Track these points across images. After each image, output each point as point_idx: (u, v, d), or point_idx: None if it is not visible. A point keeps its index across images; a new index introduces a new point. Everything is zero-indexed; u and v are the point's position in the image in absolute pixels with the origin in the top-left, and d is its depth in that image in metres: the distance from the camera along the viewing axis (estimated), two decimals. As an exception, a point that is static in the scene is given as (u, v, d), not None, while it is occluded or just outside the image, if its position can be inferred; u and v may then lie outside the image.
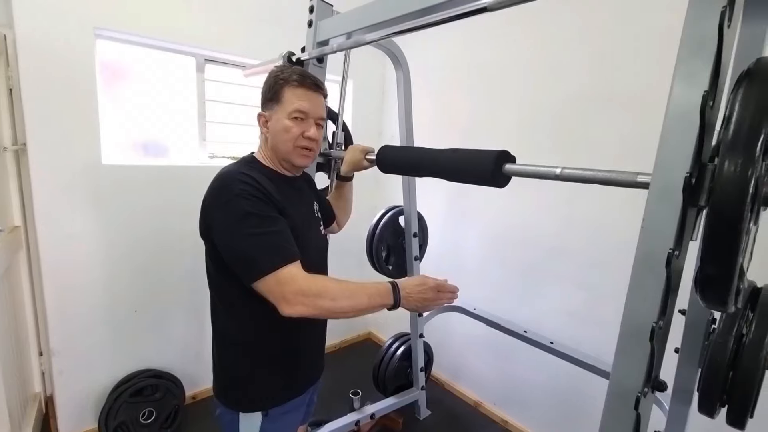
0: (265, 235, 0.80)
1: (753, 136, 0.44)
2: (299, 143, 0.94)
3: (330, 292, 0.79)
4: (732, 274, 0.46)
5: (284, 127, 0.92)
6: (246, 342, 0.95)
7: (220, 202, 0.83)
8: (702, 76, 0.51)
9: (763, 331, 0.81)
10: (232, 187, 0.82)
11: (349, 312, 0.81)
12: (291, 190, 0.97)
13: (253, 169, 0.89)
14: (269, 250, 0.79)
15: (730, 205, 0.44)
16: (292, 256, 0.80)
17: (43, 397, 1.91)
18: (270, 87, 0.93)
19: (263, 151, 0.98)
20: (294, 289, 0.77)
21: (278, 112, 0.92)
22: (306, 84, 0.94)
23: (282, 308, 0.77)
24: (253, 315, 0.91)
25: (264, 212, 0.81)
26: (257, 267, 0.78)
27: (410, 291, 0.86)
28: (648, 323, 0.53)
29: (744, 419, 0.84)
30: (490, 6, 0.73)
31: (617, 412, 0.56)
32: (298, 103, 0.92)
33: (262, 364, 0.96)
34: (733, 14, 0.51)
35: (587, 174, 0.72)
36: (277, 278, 0.77)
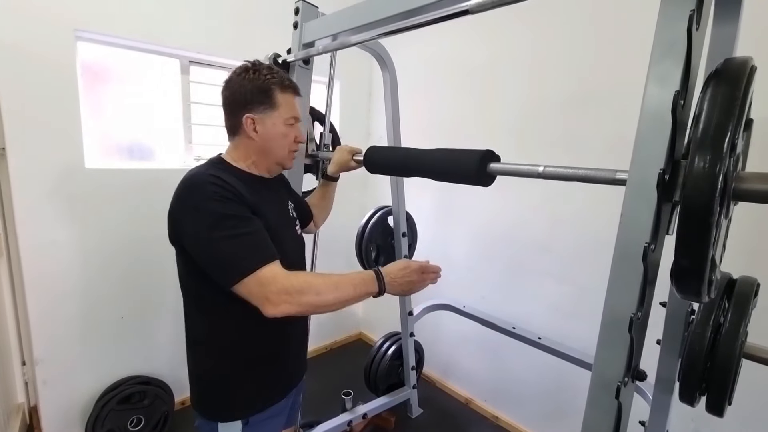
0: (241, 236, 0.78)
1: (720, 133, 0.46)
2: (292, 147, 0.97)
3: (314, 286, 0.78)
4: (704, 265, 0.49)
5: (282, 133, 0.92)
6: (223, 347, 0.92)
7: (189, 207, 0.80)
8: (673, 77, 0.53)
9: (738, 320, 0.85)
10: (201, 190, 0.79)
11: (336, 304, 0.80)
12: (265, 190, 0.95)
13: (222, 171, 0.87)
14: (247, 251, 0.77)
15: (700, 199, 0.46)
16: (271, 256, 0.79)
17: (26, 407, 1.86)
18: (259, 89, 0.90)
19: (235, 153, 0.94)
20: (277, 289, 0.75)
21: (273, 117, 0.91)
22: (294, 88, 0.96)
23: (266, 309, 0.75)
24: (230, 319, 0.89)
25: (237, 213, 0.79)
26: (236, 269, 0.76)
27: (394, 276, 0.87)
28: (627, 315, 0.55)
29: (722, 406, 0.87)
30: (471, 9, 0.75)
31: (600, 402, 0.58)
32: (293, 109, 0.94)
33: (240, 369, 0.92)
34: (702, 16, 0.53)
35: (568, 172, 0.74)
36: (258, 279, 0.75)
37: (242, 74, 0.90)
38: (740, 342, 0.84)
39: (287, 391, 1.03)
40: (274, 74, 0.91)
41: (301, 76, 1.30)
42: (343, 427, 1.81)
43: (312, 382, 2.24)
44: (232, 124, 0.93)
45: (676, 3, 0.52)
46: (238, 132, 0.92)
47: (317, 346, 2.73)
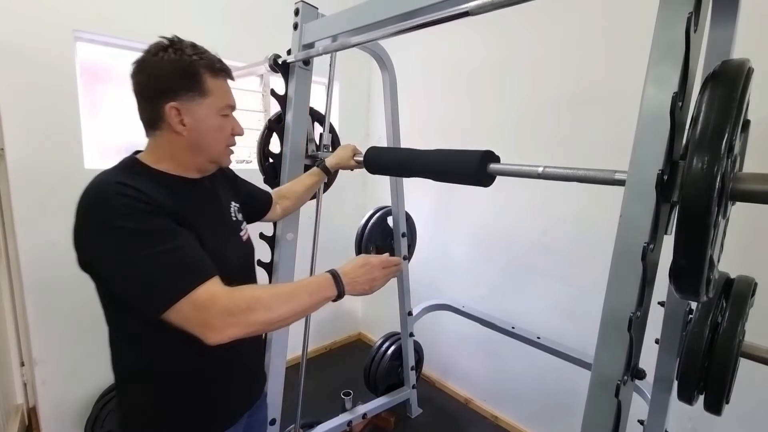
0: (164, 254, 0.64)
1: (718, 135, 0.46)
2: (230, 142, 0.84)
3: (263, 301, 0.67)
4: (702, 265, 0.49)
5: (216, 125, 0.78)
6: (159, 382, 0.78)
7: (94, 226, 0.65)
8: (672, 79, 0.53)
9: (736, 320, 0.85)
10: (107, 205, 0.65)
11: (291, 317, 0.70)
12: (196, 194, 0.81)
13: (134, 176, 0.72)
14: (174, 271, 0.64)
15: (698, 200, 0.47)
16: (206, 273, 0.66)
17: (25, 408, 1.86)
18: (183, 72, 0.73)
19: (157, 152, 0.78)
20: (218, 311, 0.63)
21: (204, 106, 0.76)
22: (227, 71, 0.81)
23: (207, 337, 0.63)
24: (165, 349, 0.76)
25: (156, 227, 0.66)
26: (163, 295, 0.63)
27: (354, 275, 0.79)
28: (626, 314, 0.55)
29: (720, 405, 0.88)
30: (471, 11, 0.75)
31: (599, 400, 0.59)
32: (228, 97, 0.80)
33: (181, 403, 0.80)
34: (699, 19, 0.54)
35: (568, 172, 0.74)
36: (193, 302, 0.63)
37: (160, 54, 0.73)
38: (738, 341, 0.85)
39: (239, 413, 0.90)
40: (201, 54, 0.76)
41: (301, 77, 1.30)
42: (342, 427, 1.82)
43: (312, 383, 2.24)
44: (150, 117, 0.76)
45: (674, 5, 0.53)
46: (159, 126, 0.75)
47: (317, 346, 2.73)
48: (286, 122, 1.33)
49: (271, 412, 1.40)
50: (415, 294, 2.05)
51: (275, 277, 1.36)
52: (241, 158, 2.30)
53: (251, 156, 2.31)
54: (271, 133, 1.42)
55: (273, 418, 1.41)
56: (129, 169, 0.75)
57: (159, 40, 0.75)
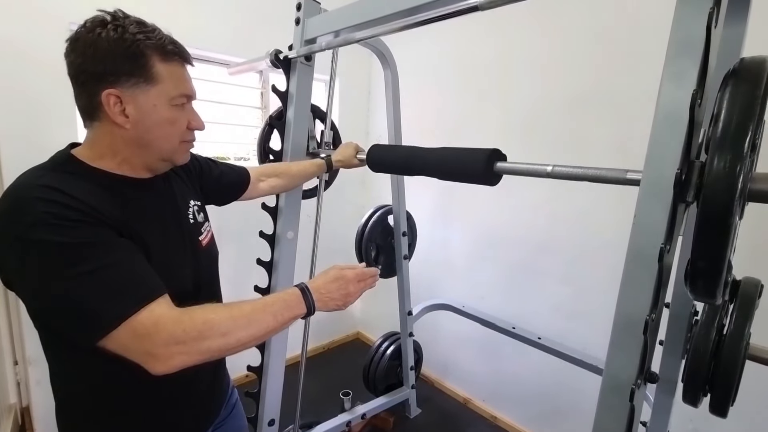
0: (97, 272, 0.54)
1: (741, 134, 0.45)
2: (186, 137, 0.71)
3: (218, 326, 0.58)
4: (722, 267, 0.48)
5: (167, 117, 0.66)
6: (104, 410, 0.70)
7: (11, 238, 0.54)
8: (690, 76, 0.52)
9: (743, 322, 0.84)
10: (26, 212, 0.54)
11: (251, 342, 0.62)
12: (144, 196, 0.70)
13: (66, 176, 0.60)
14: (109, 293, 0.54)
15: (720, 201, 0.45)
16: (150, 292, 0.57)
17: (18, 408, 1.83)
18: (125, 53, 0.61)
19: (96, 147, 0.66)
20: (163, 339, 0.54)
21: (152, 96, 0.64)
22: (186, 58, 0.70)
23: (152, 367, 0.54)
24: (109, 376, 0.67)
25: (87, 240, 0.55)
26: (95, 322, 0.53)
27: (327, 291, 0.72)
28: (642, 317, 0.54)
29: (726, 407, 0.87)
30: (480, 5, 0.74)
31: (612, 405, 0.57)
32: (183, 85, 0.68)
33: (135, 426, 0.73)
34: (719, 15, 0.53)
35: (578, 171, 0.73)
36: (132, 329, 0.53)
37: (97, 30, 0.61)
38: (745, 343, 0.85)
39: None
40: (147, 33, 0.64)
41: (303, 73, 1.28)
42: (341, 427, 1.80)
43: (310, 382, 2.22)
44: (85, 105, 0.64)
45: (695, 1, 0.51)
46: (98, 116, 0.64)
47: (314, 345, 2.71)
48: (287, 119, 1.31)
49: (269, 413, 1.38)
50: (415, 293, 2.03)
51: (275, 277, 1.34)
52: (240, 155, 2.28)
53: (249, 153, 2.28)
54: (272, 129, 1.40)
55: (272, 419, 1.39)
56: (61, 167, 0.63)
57: (97, 13, 0.64)
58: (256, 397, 1.39)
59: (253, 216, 1.32)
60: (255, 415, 1.38)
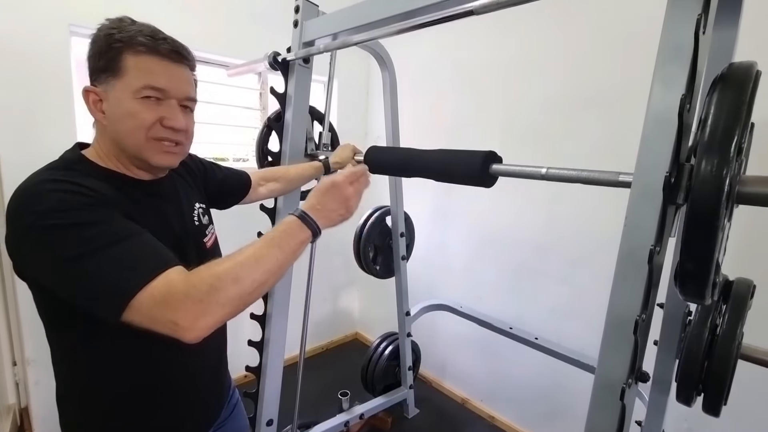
0: (113, 245, 0.55)
1: (728, 137, 0.46)
2: (155, 134, 0.67)
3: (226, 274, 0.56)
4: (709, 268, 0.49)
5: (129, 111, 0.64)
6: (110, 403, 0.71)
7: (26, 228, 0.56)
8: (679, 80, 0.53)
9: (735, 322, 0.86)
10: (39, 202, 0.56)
11: (269, 279, 0.60)
12: (152, 199, 0.72)
13: (77, 174, 0.63)
14: (126, 263, 0.55)
15: (708, 203, 0.46)
16: (165, 262, 0.57)
17: (17, 408, 1.83)
18: (101, 51, 0.64)
19: (100, 146, 0.69)
20: (179, 302, 0.53)
21: (117, 89, 0.64)
22: (161, 51, 0.66)
23: (182, 336, 0.54)
24: (113, 363, 0.68)
25: (100, 218, 0.57)
26: (117, 291, 0.54)
27: (324, 205, 0.69)
28: (632, 317, 0.55)
29: (719, 406, 0.88)
30: (476, 10, 0.75)
31: (604, 403, 0.58)
32: (150, 76, 0.65)
33: (136, 424, 0.73)
34: (708, 21, 0.54)
35: (572, 174, 0.74)
36: (151, 296, 0.53)
37: (92, 36, 0.67)
38: (737, 343, 0.86)
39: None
40: (122, 28, 0.65)
41: (301, 76, 1.29)
42: (340, 427, 1.81)
43: (309, 383, 2.23)
44: None
45: (683, 7, 0.52)
46: (91, 114, 0.68)
47: (313, 346, 2.72)
48: (285, 120, 1.32)
49: (267, 413, 1.39)
50: (413, 294, 2.04)
51: (273, 277, 1.35)
52: (238, 156, 2.28)
53: (248, 154, 2.29)
54: (270, 131, 1.41)
55: (270, 419, 1.40)
56: (72, 165, 0.65)
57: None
58: (254, 398, 1.40)
59: (251, 217, 1.33)
60: (253, 416, 1.39)
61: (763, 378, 1.06)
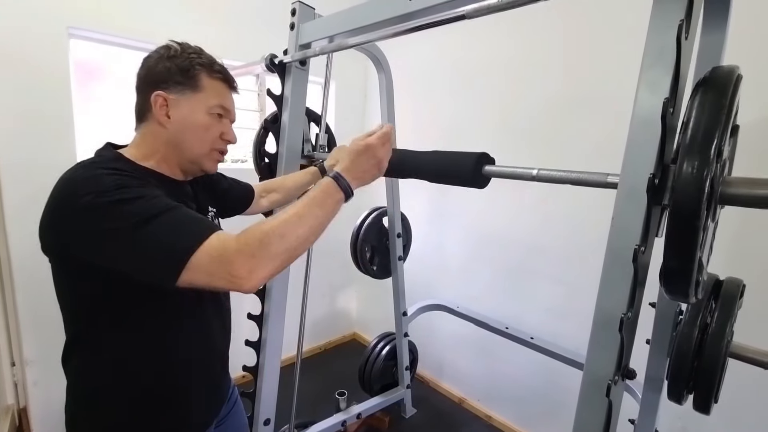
0: (167, 213, 0.62)
1: (708, 140, 0.47)
2: (216, 146, 0.80)
3: (274, 231, 0.61)
4: (692, 267, 0.50)
5: (203, 123, 0.76)
6: (117, 386, 0.74)
7: (83, 207, 0.61)
8: (663, 84, 0.54)
9: (725, 320, 0.87)
10: (96, 184, 0.62)
11: (311, 235, 0.66)
12: (180, 194, 0.80)
13: (119, 165, 0.70)
14: (181, 227, 0.61)
15: (688, 203, 0.48)
16: (212, 226, 0.63)
17: (16, 409, 1.84)
18: (182, 68, 0.74)
19: (142, 146, 0.76)
20: (233, 257, 0.58)
21: (193, 102, 0.74)
22: (229, 79, 0.81)
23: (240, 285, 0.59)
24: (131, 348, 0.73)
25: (152, 194, 0.64)
26: (177, 252, 0.58)
27: (357, 167, 0.74)
28: (617, 315, 0.56)
29: (708, 404, 0.90)
30: (467, 14, 0.76)
31: (591, 400, 0.59)
32: (222, 98, 0.78)
33: (144, 411, 0.75)
34: (690, 26, 0.55)
35: (561, 175, 0.75)
36: (207, 252, 0.59)
37: (162, 51, 0.76)
38: (726, 341, 0.87)
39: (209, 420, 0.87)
40: (201, 55, 0.77)
41: (298, 78, 1.30)
42: (337, 427, 1.82)
43: (306, 383, 2.24)
44: (140, 107, 0.77)
45: (666, 13, 0.54)
46: (146, 116, 0.75)
47: (311, 346, 2.73)
48: (282, 122, 1.33)
49: (265, 412, 1.40)
50: (410, 294, 2.05)
51: (270, 277, 1.36)
52: (237, 158, 2.29)
53: (246, 156, 2.30)
54: (267, 132, 1.42)
55: (267, 418, 1.41)
56: (111, 162, 0.70)
57: (168, 42, 0.78)
58: (251, 397, 1.41)
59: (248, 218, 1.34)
60: (251, 415, 1.40)
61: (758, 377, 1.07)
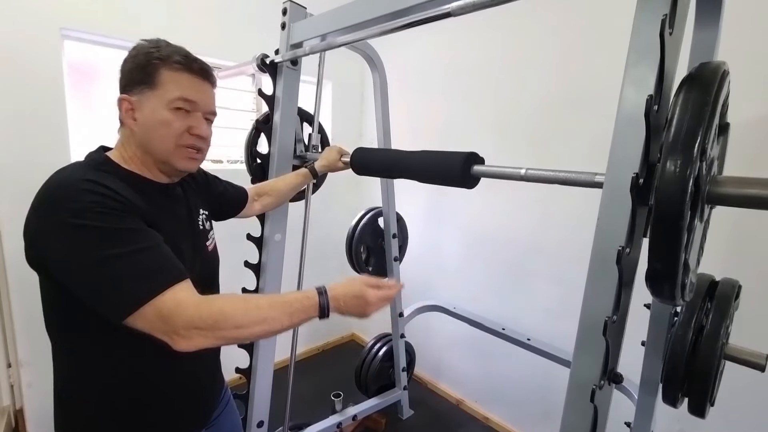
0: (133, 254, 0.61)
1: (691, 137, 0.46)
2: (183, 141, 0.75)
3: (232, 318, 0.61)
4: (676, 269, 0.49)
5: (162, 119, 0.72)
6: (106, 400, 0.73)
7: (57, 223, 0.60)
8: (648, 81, 0.53)
9: (719, 322, 0.85)
10: (73, 201, 0.61)
11: (264, 336, 0.66)
12: (164, 199, 0.78)
13: (104, 174, 0.68)
14: (142, 273, 0.60)
15: (671, 203, 0.46)
16: (176, 276, 0.63)
17: (12, 410, 1.84)
18: (139, 65, 0.72)
19: (125, 150, 0.76)
20: (183, 321, 0.59)
21: (152, 100, 0.72)
22: (193, 69, 0.75)
23: (174, 343, 0.59)
24: (109, 361, 0.72)
25: (127, 227, 0.62)
26: (128, 299, 0.59)
27: (344, 303, 0.73)
28: (601, 318, 0.55)
29: (703, 408, 0.88)
30: (453, 11, 0.75)
31: (576, 405, 0.58)
32: (183, 90, 0.73)
33: (126, 420, 0.75)
34: (676, 21, 0.54)
35: (549, 174, 0.74)
36: (158, 309, 0.59)
37: (129, 53, 0.75)
38: (721, 343, 0.85)
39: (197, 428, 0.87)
40: (160, 48, 0.73)
41: (289, 77, 1.30)
42: (332, 429, 1.81)
43: (304, 384, 2.23)
44: (118, 113, 0.76)
45: (650, 7, 0.52)
46: (120, 121, 0.76)
47: (310, 347, 2.72)
48: (273, 122, 1.32)
49: (258, 415, 1.39)
50: (407, 295, 2.04)
51: (263, 279, 1.35)
52: (233, 158, 2.29)
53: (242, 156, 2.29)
54: (259, 133, 1.41)
55: (261, 420, 1.40)
56: (99, 166, 0.71)
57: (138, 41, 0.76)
58: (245, 399, 1.40)
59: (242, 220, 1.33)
60: (244, 417, 1.39)
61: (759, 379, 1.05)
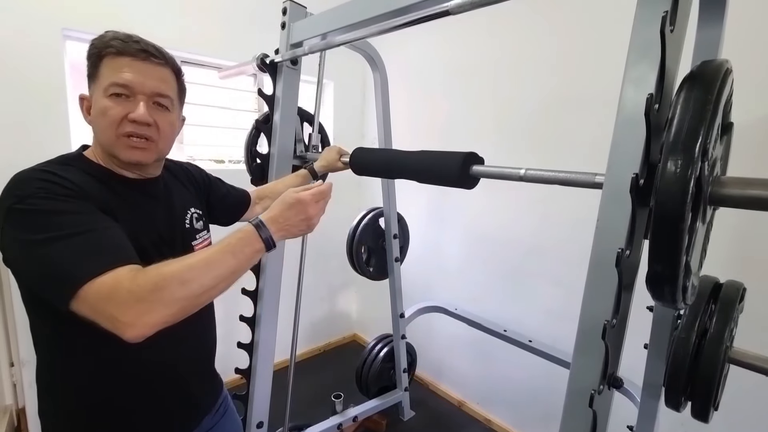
0: (76, 236, 0.57)
1: (692, 137, 0.45)
2: (122, 130, 0.69)
3: (174, 276, 0.57)
4: (677, 271, 0.48)
5: (100, 108, 0.68)
6: (85, 396, 0.71)
7: (4, 210, 0.59)
8: (648, 80, 0.52)
9: (723, 325, 0.84)
10: (22, 188, 0.60)
11: (219, 284, 0.61)
12: (138, 195, 0.75)
13: (67, 168, 0.66)
14: (82, 254, 0.56)
15: (671, 205, 0.45)
16: (120, 258, 0.58)
17: (14, 409, 1.85)
18: (88, 60, 0.71)
19: (94, 147, 0.75)
20: (122, 298, 0.54)
21: (97, 91, 0.70)
22: (129, 50, 0.69)
23: (123, 332, 0.54)
24: (88, 354, 0.69)
25: (71, 209, 0.60)
26: (66, 280, 0.55)
27: (284, 219, 0.70)
28: (600, 322, 0.54)
29: (707, 412, 0.86)
30: (451, 9, 0.74)
31: (575, 410, 0.57)
32: (116, 74, 0.68)
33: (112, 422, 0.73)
34: (677, 18, 0.52)
35: (549, 175, 0.73)
36: (96, 290, 0.54)
37: None
38: (725, 347, 0.84)
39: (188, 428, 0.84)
40: (103, 37, 0.70)
41: (289, 77, 1.29)
42: (332, 430, 1.80)
43: (305, 384, 2.23)
44: None
45: (651, 5, 0.51)
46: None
47: (311, 347, 2.72)
48: (273, 122, 1.32)
49: (257, 415, 1.39)
50: (408, 296, 2.03)
51: (263, 280, 1.35)
52: (235, 158, 2.29)
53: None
54: (259, 133, 1.41)
55: (260, 421, 1.40)
56: (67, 161, 0.70)
57: None
58: (244, 400, 1.39)
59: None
60: (243, 418, 1.39)
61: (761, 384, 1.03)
